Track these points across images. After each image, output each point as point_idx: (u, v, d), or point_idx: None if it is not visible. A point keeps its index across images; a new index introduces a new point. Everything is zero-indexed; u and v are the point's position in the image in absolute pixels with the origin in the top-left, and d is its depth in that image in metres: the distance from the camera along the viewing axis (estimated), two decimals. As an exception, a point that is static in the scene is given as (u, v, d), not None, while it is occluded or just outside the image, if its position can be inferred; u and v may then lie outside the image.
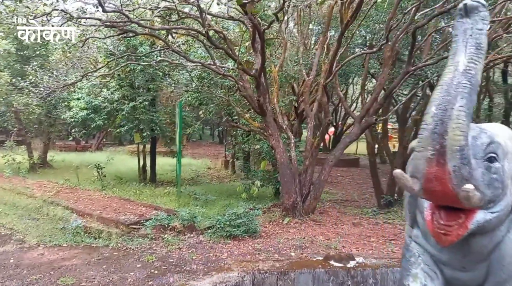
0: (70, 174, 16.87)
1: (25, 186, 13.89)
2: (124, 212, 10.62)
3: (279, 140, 10.15)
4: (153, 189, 14.09)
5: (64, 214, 10.31)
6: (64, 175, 17.11)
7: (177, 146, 11.92)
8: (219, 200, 12.01)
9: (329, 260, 4.85)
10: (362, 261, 4.85)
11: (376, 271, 4.55)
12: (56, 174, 17.66)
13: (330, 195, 13.52)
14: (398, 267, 4.73)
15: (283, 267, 4.79)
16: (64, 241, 7.69)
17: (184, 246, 7.49)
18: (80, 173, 16.67)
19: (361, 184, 16.88)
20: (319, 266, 4.68)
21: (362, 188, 15.95)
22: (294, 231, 8.89)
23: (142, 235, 8.34)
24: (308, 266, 4.70)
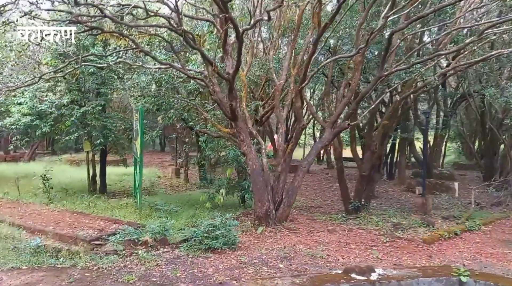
0: (7, 186, 15.26)
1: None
2: (80, 227, 9.69)
3: (250, 146, 9.83)
4: (107, 200, 13.08)
5: (11, 232, 9.16)
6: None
7: (137, 154, 11.16)
8: (182, 210, 11.39)
9: (350, 273, 4.60)
10: (384, 273, 4.66)
11: (401, 282, 4.38)
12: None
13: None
14: (422, 277, 4.62)
15: (305, 283, 4.46)
16: (22, 262, 6.75)
17: (162, 262, 6.89)
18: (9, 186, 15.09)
19: (317, 190, 17.03)
20: (342, 281, 4.41)
21: (320, 193, 16.08)
22: (271, 240, 8.59)
23: (111, 252, 7.58)
24: (330, 281, 4.42)
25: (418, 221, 9.80)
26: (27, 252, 7.22)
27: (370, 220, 10.20)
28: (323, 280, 4.52)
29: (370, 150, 10.41)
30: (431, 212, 11.03)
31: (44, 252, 7.36)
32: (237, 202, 12.64)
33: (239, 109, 9.62)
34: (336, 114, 9.75)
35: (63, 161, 25.56)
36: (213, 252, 7.52)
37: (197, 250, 7.58)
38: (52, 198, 12.86)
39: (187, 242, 8.00)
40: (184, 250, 7.62)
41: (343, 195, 11.32)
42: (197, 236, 7.81)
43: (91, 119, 12.56)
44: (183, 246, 7.80)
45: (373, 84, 8.90)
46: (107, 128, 12.80)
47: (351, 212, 10.93)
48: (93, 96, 13.19)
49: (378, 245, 8.08)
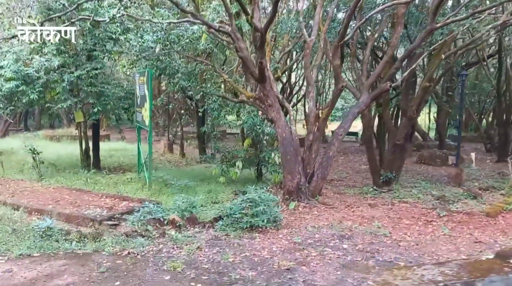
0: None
1: None
2: (84, 205, 8.44)
3: (280, 112, 8.70)
4: (107, 176, 11.75)
5: (4, 212, 7.83)
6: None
7: (145, 123, 9.82)
8: (196, 185, 10.21)
9: (509, 259, 3.65)
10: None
11: None
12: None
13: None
14: None
15: (458, 272, 3.47)
16: (31, 248, 5.50)
17: (203, 244, 5.78)
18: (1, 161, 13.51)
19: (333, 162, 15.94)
20: (505, 269, 3.46)
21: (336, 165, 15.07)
22: (310, 217, 7.60)
23: (134, 234, 6.41)
24: (490, 270, 3.45)
25: (462, 193, 9.01)
26: (34, 236, 5.96)
27: (407, 193, 9.34)
28: (479, 268, 3.55)
29: (406, 116, 9.45)
30: (465, 183, 10.28)
31: (53, 235, 6.11)
32: (253, 176, 11.54)
33: (268, 69, 8.42)
34: (374, 75, 8.71)
35: (41, 136, 23.75)
36: (255, 231, 6.46)
37: (237, 229, 6.50)
38: (42, 174, 11.44)
39: (221, 220, 6.91)
40: (220, 230, 6.52)
41: (372, 166, 10.39)
42: (234, 213, 6.71)
43: (86, 85, 11.06)
44: (219, 224, 6.69)
45: (423, 38, 7.85)
46: (104, 95, 11.33)
47: (381, 185, 10.04)
48: (86, 59, 11.62)
49: (435, 219, 7.21)
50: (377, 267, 4.83)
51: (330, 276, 4.58)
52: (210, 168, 14.28)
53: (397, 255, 5.29)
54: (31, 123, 32.54)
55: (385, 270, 4.52)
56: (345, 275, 4.60)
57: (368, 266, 4.87)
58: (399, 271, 3.94)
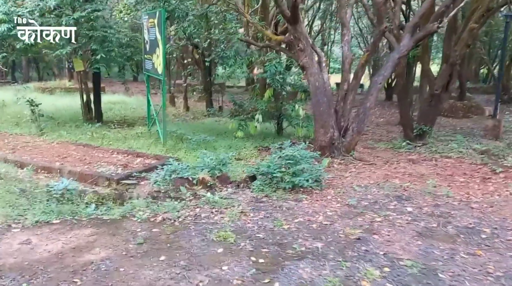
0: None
1: None
2: (95, 162, 7.62)
3: (312, 57, 7.73)
4: (114, 130, 10.84)
5: (7, 170, 6.99)
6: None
7: (157, 71, 8.78)
8: (215, 140, 9.36)
9: None
10: None
11: None
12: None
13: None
14: None
15: None
16: (47, 214, 4.71)
17: (246, 209, 5.02)
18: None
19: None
20: None
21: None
22: (350, 175, 6.87)
23: (159, 195, 5.64)
24: None
25: (508, 147, 8.32)
26: (49, 199, 5.15)
27: (445, 147, 8.62)
28: None
29: (448, 62, 8.53)
30: (502, 136, 9.59)
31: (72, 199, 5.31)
32: (273, 131, 10.71)
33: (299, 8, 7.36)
34: (418, 15, 7.70)
35: (32, 89, 22.44)
36: (298, 192, 5.71)
37: (276, 189, 5.75)
38: (43, 128, 10.49)
39: (256, 179, 6.14)
40: (258, 190, 5.76)
41: (404, 119, 9.58)
42: (272, 172, 5.93)
43: (87, 29, 9.87)
44: (255, 184, 5.93)
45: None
46: (107, 41, 10.16)
47: (414, 139, 9.29)
48: (84, 0, 10.31)
49: (492, 176, 6.52)
50: (461, 235, 4.14)
51: (411, 247, 3.88)
52: (220, 122, 13.45)
53: (475, 219, 4.60)
54: (18, 76, 30.94)
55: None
56: (428, 245, 3.91)
57: (450, 235, 4.17)
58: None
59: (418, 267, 3.44)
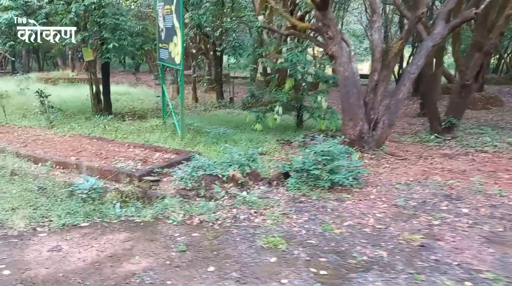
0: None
1: None
2: (112, 157, 7.23)
3: (341, 46, 7.29)
4: (127, 122, 10.42)
5: (21, 165, 6.60)
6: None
7: (174, 60, 8.31)
8: (234, 134, 8.94)
9: None
10: None
11: None
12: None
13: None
14: None
15: None
16: (75, 216, 4.32)
17: (286, 210, 4.64)
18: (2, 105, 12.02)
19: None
20: None
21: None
22: (385, 171, 6.48)
23: (189, 194, 5.25)
24: None
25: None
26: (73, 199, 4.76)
27: (477, 141, 8.22)
28: None
29: (482, 51, 8.09)
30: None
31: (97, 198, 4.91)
32: (292, 123, 10.28)
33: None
34: (453, 1, 7.24)
35: (34, 79, 21.94)
36: (337, 191, 5.33)
37: (313, 188, 5.36)
38: (52, 120, 10.07)
39: (289, 176, 5.74)
40: (294, 189, 5.37)
41: (431, 111, 9.17)
42: (308, 169, 5.53)
43: (99, 16, 9.39)
44: (291, 182, 5.53)
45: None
46: (120, 29, 9.69)
47: (442, 132, 8.88)
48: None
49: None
50: (536, 241, 3.76)
51: (484, 255, 3.50)
52: (233, 114, 13.02)
53: (543, 223, 4.22)
54: (17, 66, 30.32)
55: None
56: (502, 254, 3.53)
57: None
58: None
59: (502, 280, 3.07)
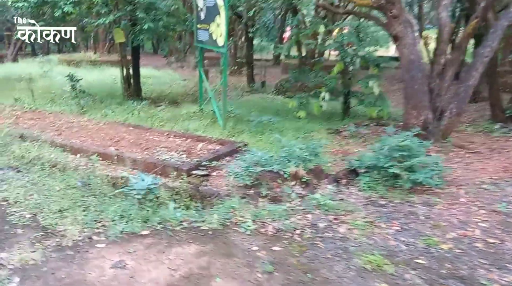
0: (12, 90, 11.74)
1: (-48, 111, 8.89)
2: (153, 147, 6.69)
3: (407, 26, 6.52)
4: (160, 108, 9.88)
5: (57, 156, 6.12)
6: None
7: (216, 43, 7.64)
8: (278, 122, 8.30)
9: None
10: None
11: None
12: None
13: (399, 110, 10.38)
14: None
15: None
16: (131, 220, 3.78)
17: (370, 216, 4.01)
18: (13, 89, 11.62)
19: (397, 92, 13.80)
20: None
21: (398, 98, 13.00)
22: (458, 166, 5.78)
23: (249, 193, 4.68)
24: None
25: None
26: (124, 199, 4.23)
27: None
28: None
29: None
30: None
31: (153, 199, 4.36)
32: (337, 110, 9.59)
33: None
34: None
35: (56, 61, 21.53)
36: (419, 192, 4.68)
37: (390, 188, 4.72)
38: (83, 106, 9.58)
39: (358, 174, 5.11)
40: (368, 189, 4.74)
41: (493, 97, 8.37)
42: (383, 166, 4.88)
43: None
44: (364, 181, 4.90)
45: None
46: (155, 8, 9.04)
47: (506, 121, 8.10)
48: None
49: None
50: None
51: None
52: (266, 99, 12.37)
53: None
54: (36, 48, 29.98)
55: None
56: None
57: None
58: None
59: None
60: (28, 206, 4.13)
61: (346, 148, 6.93)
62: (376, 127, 8.28)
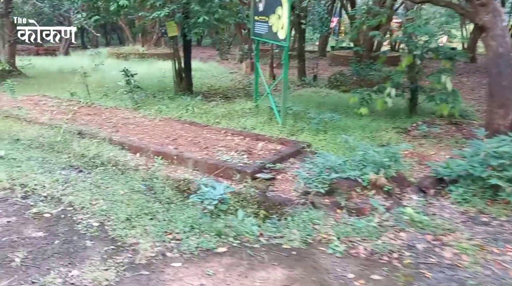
0: (66, 84, 11.85)
1: (11, 104, 8.97)
2: (212, 146, 6.37)
3: (496, 15, 5.80)
4: (213, 103, 9.59)
5: (116, 154, 5.92)
6: (51, 85, 12.06)
7: (280, 36, 7.17)
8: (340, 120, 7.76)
9: None
10: None
11: None
12: (40, 84, 12.48)
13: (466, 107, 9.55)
14: None
15: None
16: (203, 234, 3.45)
17: (476, 237, 3.46)
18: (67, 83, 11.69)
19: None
20: None
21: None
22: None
23: (326, 203, 4.23)
24: None
25: None
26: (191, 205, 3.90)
27: None
28: None
29: None
30: None
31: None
32: (402, 107, 8.90)
33: None
34: None
35: (106, 54, 21.83)
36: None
37: (488, 201, 4.12)
38: (137, 101, 9.44)
39: (447, 183, 4.54)
40: (462, 202, 4.17)
41: None
42: (480, 175, 4.28)
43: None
44: (456, 192, 4.32)
45: None
46: (210, 0, 8.70)
47: None
48: None
49: None
50: None
51: None
52: (320, 94, 11.80)
53: None
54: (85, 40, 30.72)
55: None
56: None
57: None
58: None
59: None
60: (94, 212, 3.89)
61: (420, 150, 6.32)
62: (448, 126, 7.59)
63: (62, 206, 4.02)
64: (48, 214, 3.86)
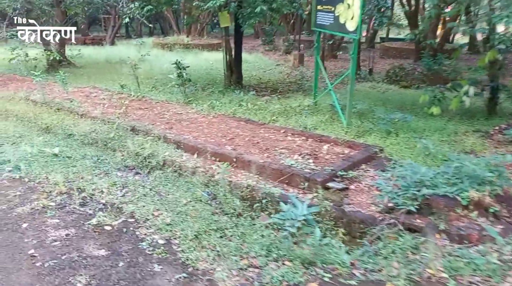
0: (115, 75, 11.69)
1: (63, 96, 8.80)
2: (272, 148, 5.84)
3: None
4: (265, 98, 9.05)
5: (172, 155, 5.50)
6: (100, 76, 11.92)
7: (349, 28, 6.52)
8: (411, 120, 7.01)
9: None
10: None
11: None
12: (89, 75, 12.40)
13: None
14: None
15: None
16: (289, 264, 2.92)
17: None
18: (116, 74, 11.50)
19: None
20: None
21: None
22: None
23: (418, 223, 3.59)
24: None
25: None
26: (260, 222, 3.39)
27: None
28: None
29: None
30: None
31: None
32: (480, 107, 8.00)
33: None
34: None
35: (151, 44, 21.73)
36: None
37: None
38: (188, 95, 9.05)
39: None
40: None
41: None
42: None
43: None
44: None
45: None
46: (269, -12, 8.12)
47: None
48: None
49: None
50: None
51: None
52: (378, 89, 11.01)
53: None
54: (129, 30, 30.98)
55: None
56: None
57: None
58: None
59: None
60: (159, 227, 3.46)
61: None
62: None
63: (123, 217, 3.62)
64: (109, 226, 3.47)
